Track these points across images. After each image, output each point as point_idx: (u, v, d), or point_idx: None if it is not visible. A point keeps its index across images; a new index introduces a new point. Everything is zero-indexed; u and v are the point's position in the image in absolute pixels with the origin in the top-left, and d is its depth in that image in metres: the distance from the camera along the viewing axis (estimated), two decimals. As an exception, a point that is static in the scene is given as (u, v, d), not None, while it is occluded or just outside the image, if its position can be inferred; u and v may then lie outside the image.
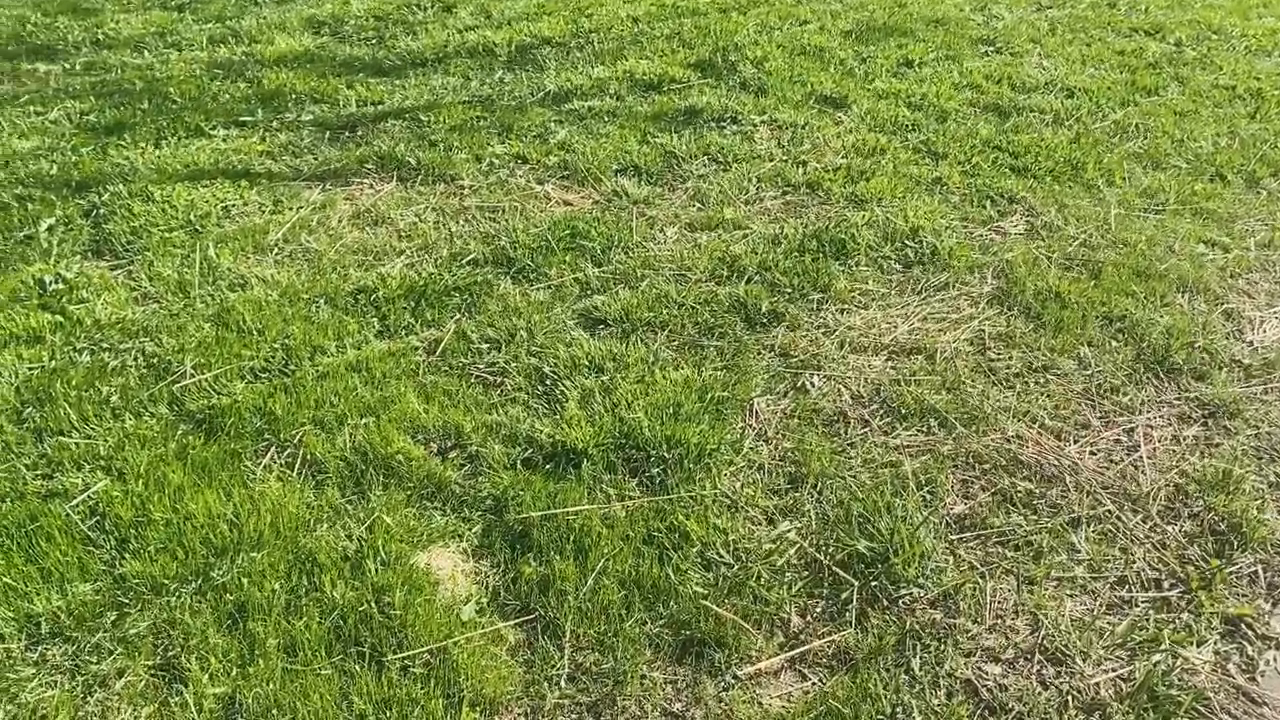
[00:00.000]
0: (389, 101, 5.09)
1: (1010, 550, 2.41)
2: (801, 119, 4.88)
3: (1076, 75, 5.58)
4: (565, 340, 3.13)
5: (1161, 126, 4.92)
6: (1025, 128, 4.85)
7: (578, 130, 4.75)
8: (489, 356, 3.06)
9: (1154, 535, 2.48)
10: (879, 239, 3.75)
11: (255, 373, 2.96)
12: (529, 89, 5.29)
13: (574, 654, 2.14)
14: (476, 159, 4.42)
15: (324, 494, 2.52)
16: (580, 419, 2.74)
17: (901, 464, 2.67)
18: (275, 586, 2.23)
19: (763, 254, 3.64)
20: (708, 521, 2.44)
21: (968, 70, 5.59)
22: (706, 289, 3.44)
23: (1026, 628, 2.22)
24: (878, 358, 3.12)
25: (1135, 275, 3.56)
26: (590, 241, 3.72)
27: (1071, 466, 2.68)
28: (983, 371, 3.06)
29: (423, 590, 2.23)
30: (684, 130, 4.74)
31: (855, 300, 3.41)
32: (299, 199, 4.02)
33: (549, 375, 2.96)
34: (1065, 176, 4.35)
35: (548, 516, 2.42)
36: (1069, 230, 3.87)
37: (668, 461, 2.62)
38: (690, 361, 3.05)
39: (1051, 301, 3.38)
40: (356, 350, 3.06)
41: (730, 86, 5.33)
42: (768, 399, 2.93)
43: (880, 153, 4.53)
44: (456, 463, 2.64)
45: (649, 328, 3.22)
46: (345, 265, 3.53)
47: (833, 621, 2.24)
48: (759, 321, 3.27)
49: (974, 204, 4.08)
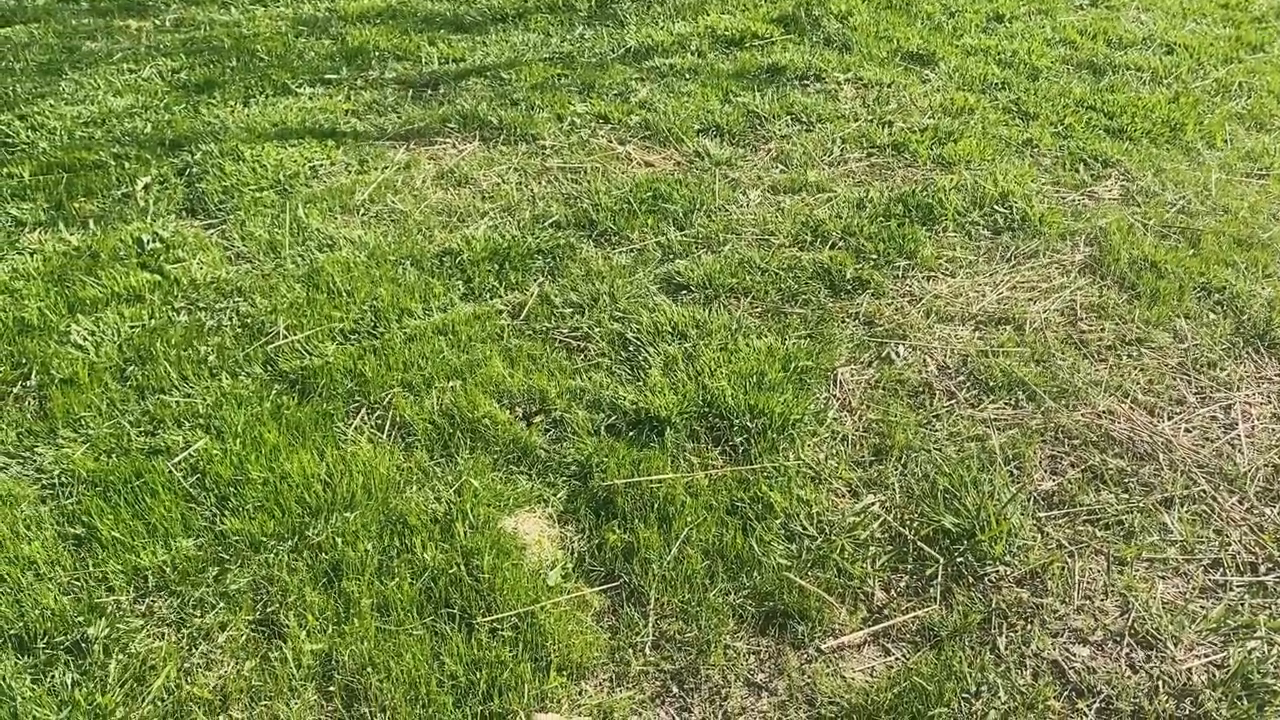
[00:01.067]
0: (470, 59, 5.10)
1: (1100, 529, 2.37)
2: (887, 77, 4.77)
3: (1176, 30, 5.35)
4: (648, 305, 3.14)
5: (1267, 85, 4.71)
6: (1121, 86, 4.68)
7: (659, 89, 4.71)
8: (572, 321, 3.08)
9: (1250, 517, 2.41)
10: (967, 204, 3.66)
11: (345, 334, 3.02)
12: (609, 45, 5.25)
13: (658, 622, 2.17)
14: (558, 118, 4.41)
15: (413, 456, 2.58)
16: (663, 386, 2.76)
17: (988, 438, 2.63)
18: (368, 547, 2.30)
19: (847, 218, 3.58)
20: (791, 493, 2.44)
21: (1061, 25, 5.40)
22: (790, 254, 3.41)
23: (1116, 609, 2.19)
24: (964, 327, 3.07)
25: (1236, 244, 3.43)
26: (672, 204, 3.70)
27: (1165, 444, 2.62)
28: (1073, 343, 2.99)
29: (510, 554, 2.28)
30: (766, 89, 4.67)
31: (942, 268, 3.35)
32: (384, 159, 4.06)
33: (632, 341, 2.97)
34: (1163, 139, 4.19)
35: (632, 484, 2.45)
36: (1166, 196, 3.74)
37: (751, 431, 2.62)
38: (773, 329, 3.04)
39: (1147, 271, 3.28)
40: (443, 313, 3.10)
41: (814, 43, 5.23)
42: (852, 369, 2.91)
43: (969, 113, 4.42)
44: (541, 428, 2.67)
45: (732, 294, 3.20)
46: (430, 227, 3.57)
47: (917, 597, 2.24)
48: (843, 289, 3.24)
49: (1066, 167, 3.96)
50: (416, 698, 2.00)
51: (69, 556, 2.32)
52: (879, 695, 2.01)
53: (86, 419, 2.73)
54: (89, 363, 2.93)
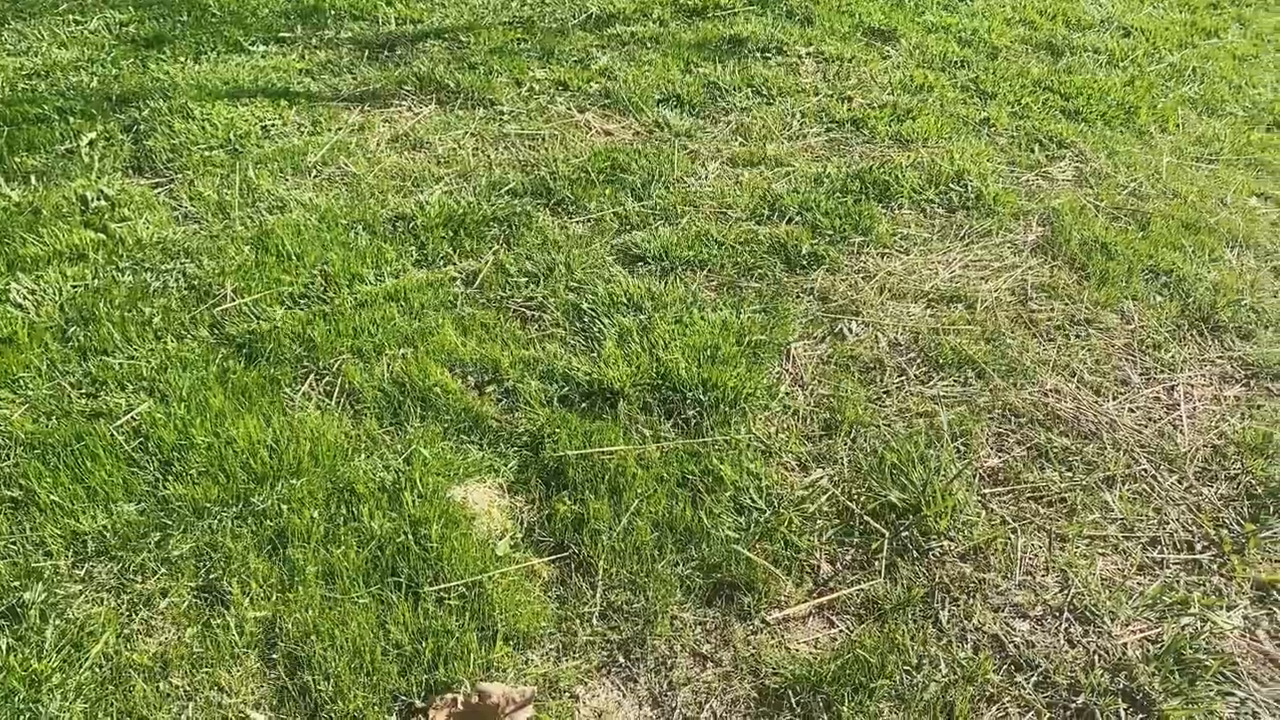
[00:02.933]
0: (428, 20, 5.01)
1: (1043, 506, 2.41)
2: (848, 52, 4.76)
3: (1134, 14, 5.41)
4: (604, 276, 3.12)
5: (1220, 71, 4.78)
6: (1078, 68, 4.72)
7: (620, 57, 4.66)
8: (527, 290, 3.06)
9: (1189, 497, 2.47)
10: (923, 181, 3.68)
11: (294, 299, 2.97)
12: (571, 11, 5.19)
13: (606, 592, 2.17)
14: (516, 83, 4.36)
15: (362, 424, 2.55)
16: (617, 358, 2.75)
17: (937, 414, 2.66)
18: (314, 514, 2.27)
19: (805, 193, 3.58)
20: (741, 466, 2.45)
21: (1021, 5, 5.43)
22: (747, 228, 3.40)
23: (1056, 585, 2.23)
24: (917, 305, 3.09)
25: (1184, 228, 3.48)
26: (630, 174, 3.68)
27: (1109, 424, 2.66)
28: (1023, 323, 3.03)
29: (459, 524, 2.27)
30: (728, 60, 4.64)
31: (896, 245, 3.37)
32: (338, 120, 3.99)
33: (587, 312, 2.95)
34: (1117, 121, 4.24)
35: (583, 455, 2.44)
36: (1119, 178, 3.78)
37: (704, 404, 2.63)
38: (729, 303, 3.04)
39: (1097, 252, 3.32)
40: (395, 279, 3.06)
41: (776, 15, 5.20)
42: (805, 344, 2.92)
43: (928, 90, 4.43)
44: (493, 397, 2.66)
45: (688, 266, 3.20)
46: (384, 191, 3.51)
47: (862, 570, 2.26)
48: (799, 264, 3.24)
49: (1022, 147, 4.00)
50: (361, 666, 1.99)
51: (4, 520, 2.27)
52: (822, 667, 2.03)
53: (25, 380, 2.66)
54: (29, 322, 2.86)
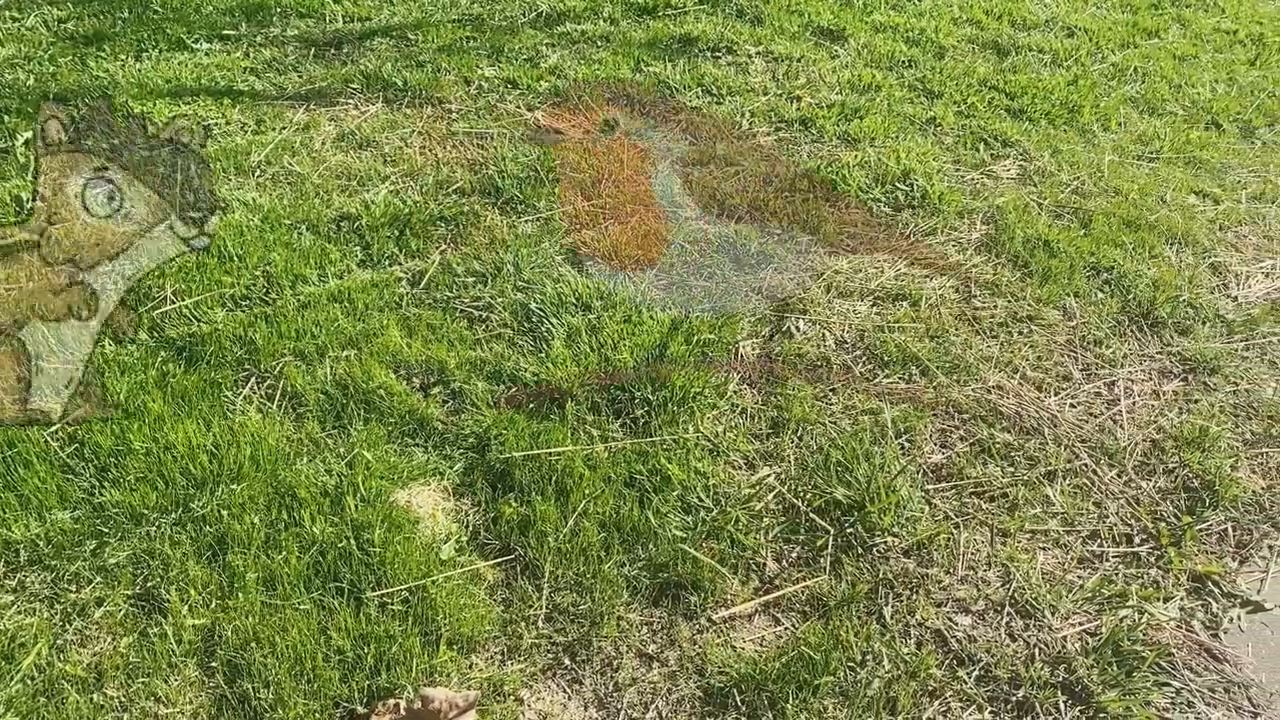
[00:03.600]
0: (376, 18, 4.95)
1: (985, 502, 2.44)
2: (797, 51, 4.78)
3: (1078, 14, 5.49)
4: (553, 276, 3.11)
5: (1160, 70, 4.86)
6: (1023, 67, 4.78)
7: (570, 55, 4.65)
8: (474, 290, 3.03)
9: (1128, 490, 2.51)
10: (870, 180, 3.71)
11: (236, 300, 2.93)
12: (521, 9, 5.16)
13: (552, 595, 2.16)
14: (465, 81, 4.33)
15: (304, 427, 2.52)
16: (566, 358, 2.74)
17: (882, 411, 2.68)
18: (255, 520, 2.24)
19: (754, 193, 3.59)
20: (689, 465, 2.45)
21: (968, 4, 5.49)
22: (696, 227, 3.41)
23: (998, 580, 2.26)
24: (863, 303, 3.11)
25: (1125, 225, 3.54)
26: (579, 173, 3.66)
27: (1051, 419, 2.70)
28: (967, 320, 3.06)
29: (402, 528, 2.24)
30: (678, 59, 4.65)
31: (843, 244, 3.39)
32: (282, 119, 3.93)
33: (535, 312, 2.94)
34: (1061, 120, 4.30)
35: (530, 457, 2.43)
36: (1062, 176, 3.84)
37: (652, 404, 2.62)
38: (678, 302, 3.04)
39: (1040, 250, 3.37)
40: (339, 280, 3.02)
41: (726, 14, 5.21)
42: (753, 341, 2.92)
43: (875, 90, 4.46)
44: (439, 399, 2.63)
45: (638, 265, 3.19)
46: (329, 190, 3.47)
47: (808, 568, 2.27)
48: (748, 263, 3.25)
49: (967, 146, 4.04)
50: (301, 672, 1.96)
51: (-67, 530, 2.21)
52: (767, 665, 2.04)
53: (-44, 386, 2.59)
54: (-41, 327, 2.78)
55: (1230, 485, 2.49)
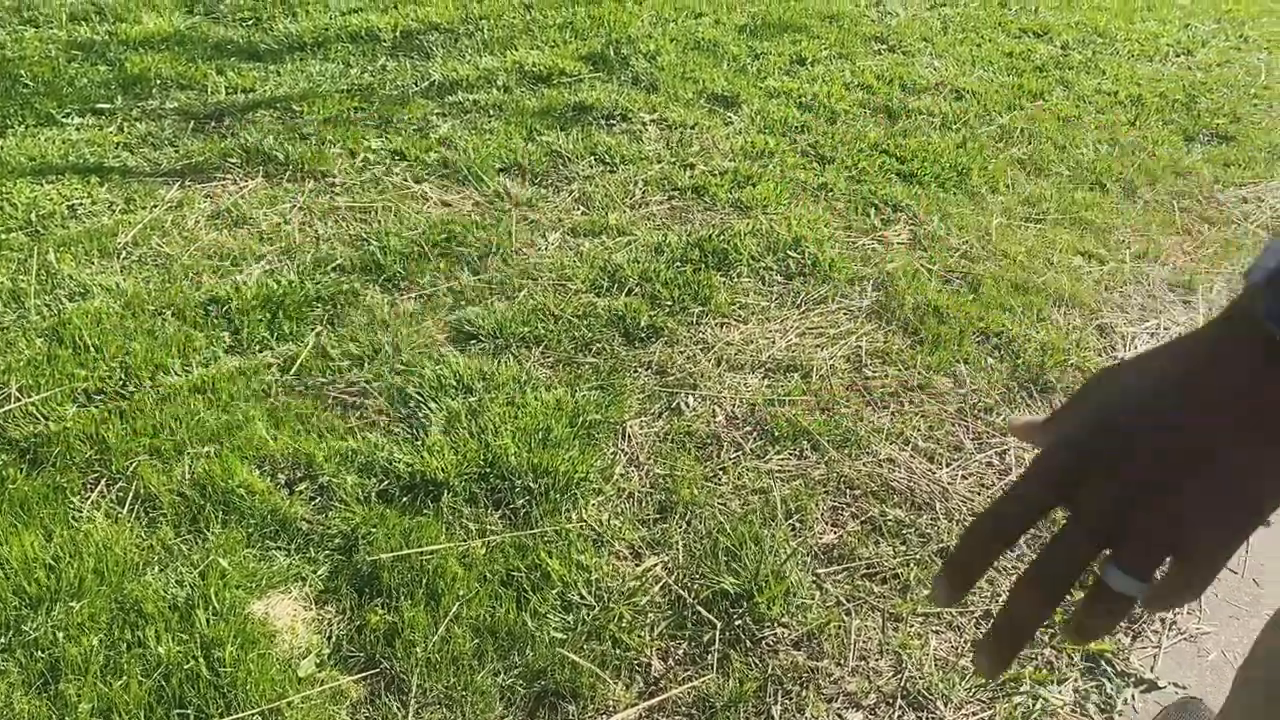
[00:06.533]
0: (261, 89, 4.83)
1: (877, 584, 2.37)
2: (692, 118, 4.78)
3: (966, 76, 5.61)
4: (433, 357, 2.99)
5: (1045, 132, 4.98)
6: (914, 131, 4.85)
7: (461, 125, 4.58)
8: (349, 375, 2.90)
9: (1019, 565, 2.46)
10: (761, 249, 3.68)
11: (89, 395, 2.74)
12: (412, 78, 5.09)
13: (419, 711, 2.01)
14: (351, 154, 4.22)
15: (156, 533, 2.34)
16: (443, 446, 2.61)
17: (772, 490, 2.60)
18: (94, 642, 2.05)
19: (645, 264, 3.53)
20: (570, 558, 2.34)
21: (860, 69, 5.58)
22: (586, 301, 3.32)
23: (890, 669, 2.18)
24: (754, 375, 3.05)
25: (1014, 289, 3.56)
26: (467, 247, 3.57)
27: (942, 492, 2.65)
28: (858, 390, 3.02)
29: (257, 644, 2.08)
30: (572, 127, 4.61)
31: (735, 314, 3.34)
32: (154, 197, 3.76)
33: (413, 396, 2.81)
34: (950, 183, 4.35)
35: (400, 557, 2.29)
36: (951, 240, 3.86)
37: (533, 492, 2.51)
38: (564, 380, 2.94)
39: (930, 316, 3.36)
40: (204, 368, 2.86)
41: (622, 81, 5.21)
42: (641, 420, 2.83)
43: (768, 155, 4.47)
44: (305, 496, 2.48)
45: (523, 343, 3.09)
46: (199, 271, 3.31)
47: (694, 665, 2.16)
48: (638, 337, 3.18)
49: (858, 211, 4.05)
50: (136, 818, 1.78)
51: None
52: (650, 778, 1.92)
53: None
54: None
55: (1120, 556, 2.46)
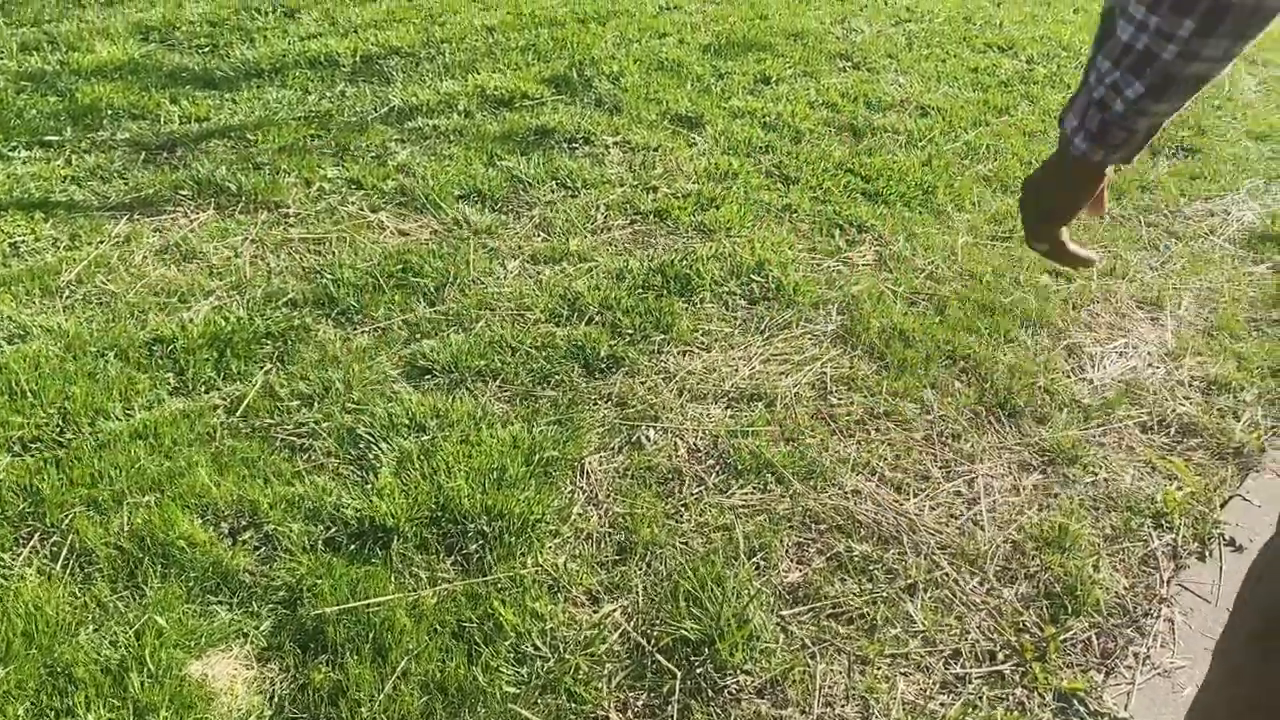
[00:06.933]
0: (216, 118, 4.73)
1: (843, 625, 2.29)
2: (655, 140, 4.72)
3: (931, 93, 5.59)
4: (386, 394, 2.90)
5: (1011, 148, 4.95)
6: (879, 149, 4.81)
7: (420, 151, 4.49)
8: (298, 415, 2.80)
9: (990, 600, 2.40)
10: (725, 273, 3.62)
11: (25, 443, 2.64)
12: (372, 104, 5.01)
13: (364, 775, 1.92)
14: (306, 183, 4.13)
15: (91, 590, 2.24)
16: (394, 489, 2.52)
17: (735, 527, 2.53)
18: (20, 711, 1.95)
19: (606, 291, 3.46)
20: (525, 607, 2.25)
21: (824, 87, 5.54)
22: (545, 331, 3.25)
23: (857, 715, 2.10)
24: (717, 406, 2.98)
25: (980, 310, 3.51)
26: (424, 277, 3.48)
27: (910, 525, 2.59)
28: (823, 419, 2.95)
29: (194, 707, 1.98)
30: (533, 152, 4.54)
31: (698, 341, 3.27)
32: (101, 232, 3.66)
33: (363, 437, 2.72)
34: (916, 202, 4.30)
35: (346, 610, 2.20)
36: (916, 261, 3.81)
37: (487, 536, 2.42)
38: (521, 415, 2.86)
39: (895, 340, 3.30)
40: (146, 412, 2.76)
41: (585, 104, 5.15)
42: (601, 456, 2.75)
43: (732, 177, 4.41)
44: (249, 546, 2.38)
45: (479, 377, 3.01)
46: (144, 309, 3.21)
47: (654, 718, 2.08)
48: (598, 368, 3.10)
49: (823, 233, 3.99)
50: None
51: None
52: (606, 841, 1.83)
53: None
54: None
55: (1092, 589, 2.40)
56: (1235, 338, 3.52)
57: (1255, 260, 4.09)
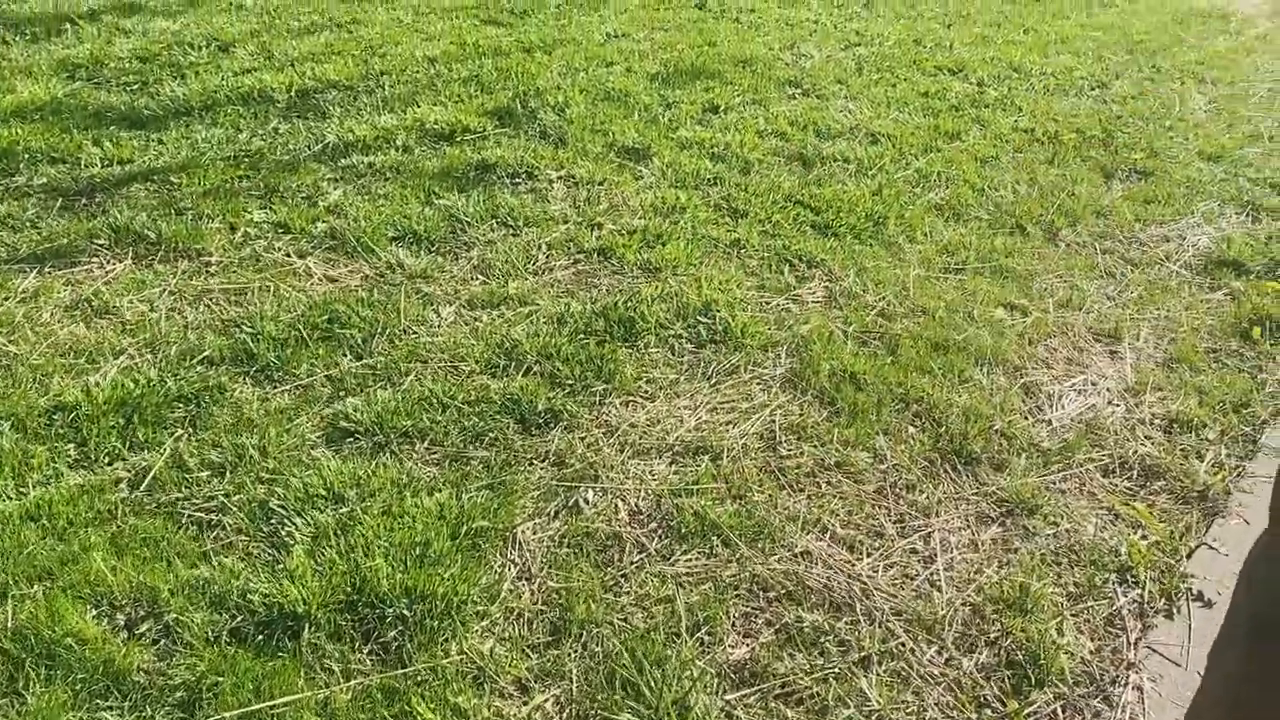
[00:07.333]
0: (140, 160, 4.53)
1: (793, 708, 2.13)
2: (600, 174, 4.58)
3: (881, 119, 5.49)
4: (304, 460, 2.71)
5: (963, 175, 4.85)
6: (828, 179, 4.70)
7: (354, 190, 4.32)
8: (208, 488, 2.61)
9: (949, 672, 2.24)
10: (670, 315, 3.47)
11: (-97, 530, 2.42)
12: (306, 141, 4.83)
13: None
14: (231, 228, 3.93)
15: (-35, 700, 2.03)
16: (306, 570, 2.33)
17: (677, 599, 2.36)
18: None
19: (545, 338, 3.30)
20: (446, 702, 2.07)
21: (773, 115, 5.43)
22: (479, 384, 3.07)
23: (807, 813, 1.94)
24: (661, 461, 2.82)
25: (933, 349, 3.38)
26: (351, 329, 3.30)
27: (863, 590, 2.43)
28: (772, 472, 2.80)
29: (70, 837, 1.78)
30: (473, 189, 4.37)
31: (641, 391, 3.11)
32: (6, 287, 3.44)
33: (277, 511, 2.53)
34: (867, 234, 4.18)
35: (249, 714, 2.00)
36: (867, 298, 3.68)
37: (408, 621, 2.24)
38: (450, 480, 2.68)
39: (846, 383, 3.16)
40: (41, 489, 2.55)
41: (529, 136, 5.00)
42: (535, 523, 2.58)
43: (680, 211, 4.27)
44: (147, 640, 2.18)
45: (406, 438, 2.83)
46: (48, 373, 3.00)
47: (586, 824, 1.91)
48: (535, 423, 2.93)
49: (772, 269, 3.86)
50: None
51: None
52: None
53: None
54: None
55: (1056, 655, 2.26)
56: (1195, 370, 3.42)
57: (1212, 286, 4.01)
